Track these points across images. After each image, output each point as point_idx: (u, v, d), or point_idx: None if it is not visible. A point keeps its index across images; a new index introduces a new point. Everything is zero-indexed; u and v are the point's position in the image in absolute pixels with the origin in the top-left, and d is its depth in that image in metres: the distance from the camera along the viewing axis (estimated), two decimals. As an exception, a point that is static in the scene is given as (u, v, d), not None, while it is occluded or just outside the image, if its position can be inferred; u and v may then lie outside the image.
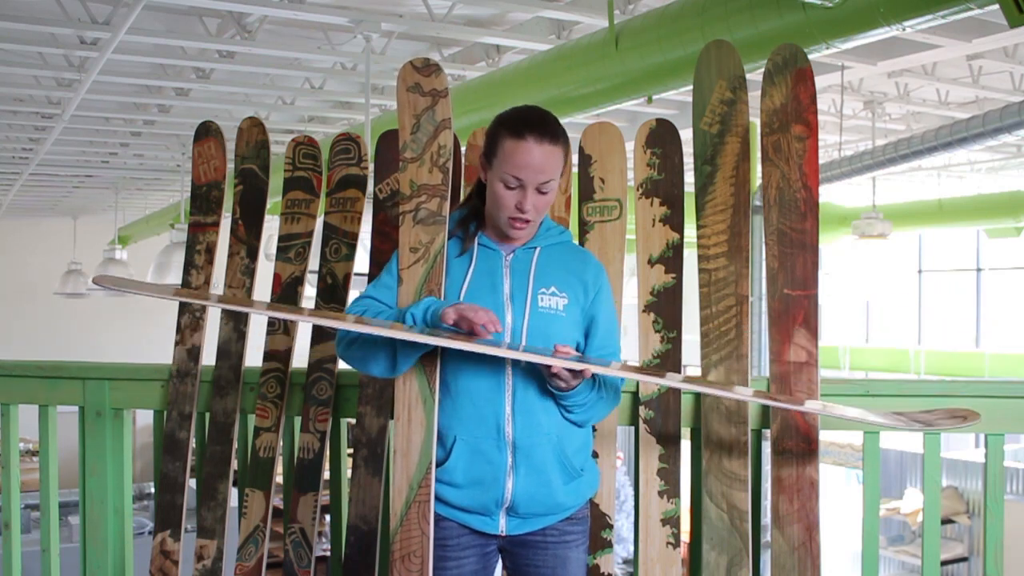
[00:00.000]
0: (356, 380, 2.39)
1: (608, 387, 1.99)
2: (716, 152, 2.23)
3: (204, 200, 2.58)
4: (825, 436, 3.73)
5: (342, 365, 2.37)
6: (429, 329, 1.89)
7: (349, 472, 2.42)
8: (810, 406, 2.03)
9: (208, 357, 2.50)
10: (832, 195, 9.14)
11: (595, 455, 2.15)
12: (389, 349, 1.93)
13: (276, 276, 2.50)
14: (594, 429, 2.16)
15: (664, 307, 2.25)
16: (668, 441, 2.21)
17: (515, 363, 1.93)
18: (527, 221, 1.94)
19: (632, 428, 2.27)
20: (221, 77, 5.75)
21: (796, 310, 2.15)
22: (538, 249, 2.01)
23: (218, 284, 2.59)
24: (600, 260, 2.14)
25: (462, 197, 2.28)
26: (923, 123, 7.11)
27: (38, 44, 4.83)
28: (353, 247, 2.47)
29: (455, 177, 2.20)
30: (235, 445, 2.47)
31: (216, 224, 2.56)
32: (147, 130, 7.39)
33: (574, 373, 1.86)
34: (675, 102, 6.15)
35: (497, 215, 1.95)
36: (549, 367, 1.85)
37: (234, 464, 2.48)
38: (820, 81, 3.61)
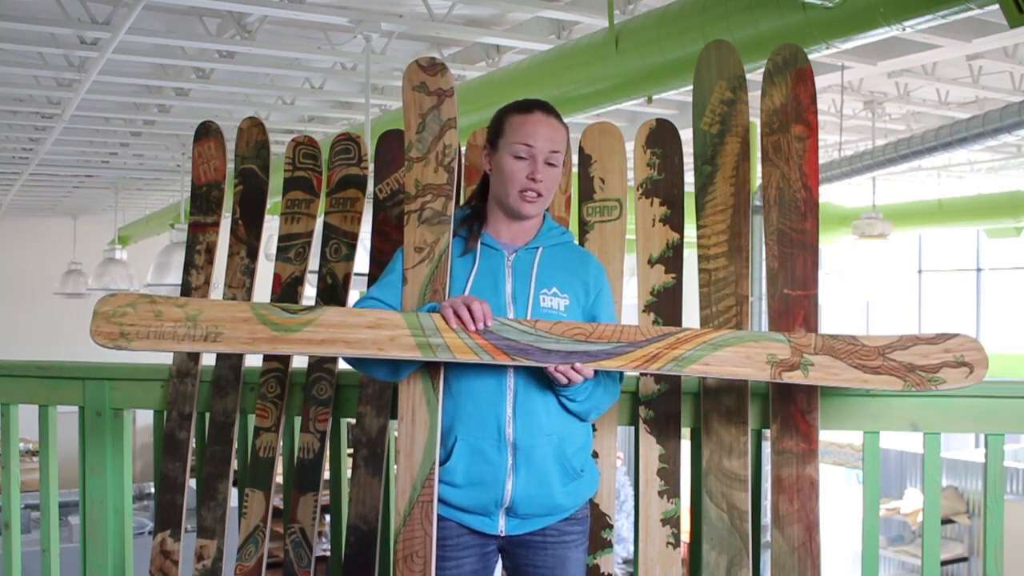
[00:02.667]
0: (356, 380, 2.39)
1: (608, 376, 1.99)
2: (716, 152, 2.23)
3: (204, 200, 2.57)
4: (825, 436, 3.72)
5: (342, 365, 2.37)
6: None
7: (349, 472, 2.42)
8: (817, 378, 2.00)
9: (208, 357, 2.50)
10: (832, 195, 9.14)
11: (595, 455, 2.15)
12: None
13: (276, 276, 2.50)
14: (594, 428, 2.16)
15: (664, 307, 2.25)
16: (668, 441, 2.21)
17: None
18: (539, 195, 1.96)
19: (632, 428, 2.27)
20: (221, 77, 5.75)
21: (796, 310, 2.14)
22: (540, 249, 2.02)
23: (218, 284, 2.59)
24: (600, 260, 2.14)
25: (463, 198, 2.28)
26: (923, 123, 7.11)
27: (38, 44, 4.83)
28: (353, 247, 2.47)
29: (456, 177, 2.20)
30: (235, 445, 2.47)
31: (216, 224, 2.56)
32: (147, 130, 7.38)
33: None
34: (675, 102, 6.15)
35: (507, 193, 1.97)
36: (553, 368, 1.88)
37: (234, 464, 2.48)
38: (820, 81, 3.62)
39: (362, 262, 2.47)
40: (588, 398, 1.97)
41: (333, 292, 2.45)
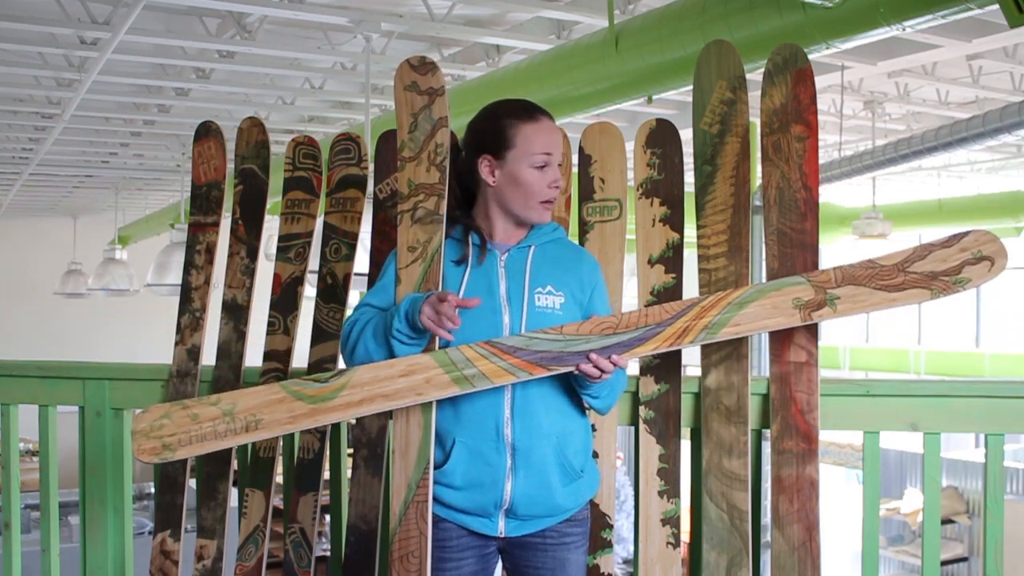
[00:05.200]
0: (356, 380, 2.39)
1: None
2: (716, 152, 2.23)
3: (204, 200, 2.57)
4: (825, 436, 3.72)
5: (341, 364, 2.36)
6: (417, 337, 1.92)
7: (349, 472, 2.41)
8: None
9: (208, 357, 2.50)
10: (832, 195, 9.14)
11: (595, 455, 2.15)
12: (388, 356, 1.94)
13: (276, 276, 2.50)
14: (594, 428, 2.16)
15: (664, 307, 2.24)
16: (668, 441, 2.21)
17: None
18: (553, 201, 1.99)
19: (632, 428, 2.27)
20: (221, 77, 5.75)
21: (796, 310, 2.14)
22: (532, 248, 2.01)
23: (218, 284, 2.59)
24: (600, 260, 2.14)
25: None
26: (923, 123, 7.11)
27: (38, 44, 4.83)
28: (353, 247, 2.47)
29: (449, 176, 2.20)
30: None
31: (216, 224, 2.56)
32: (147, 130, 7.39)
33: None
34: (675, 102, 6.15)
35: (525, 205, 1.98)
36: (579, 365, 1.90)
37: (234, 464, 2.48)
38: (820, 81, 3.62)
39: (362, 262, 2.47)
40: (611, 391, 1.99)
41: (333, 292, 2.45)
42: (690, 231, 2.26)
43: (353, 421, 2.41)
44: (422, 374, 1.91)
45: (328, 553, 2.59)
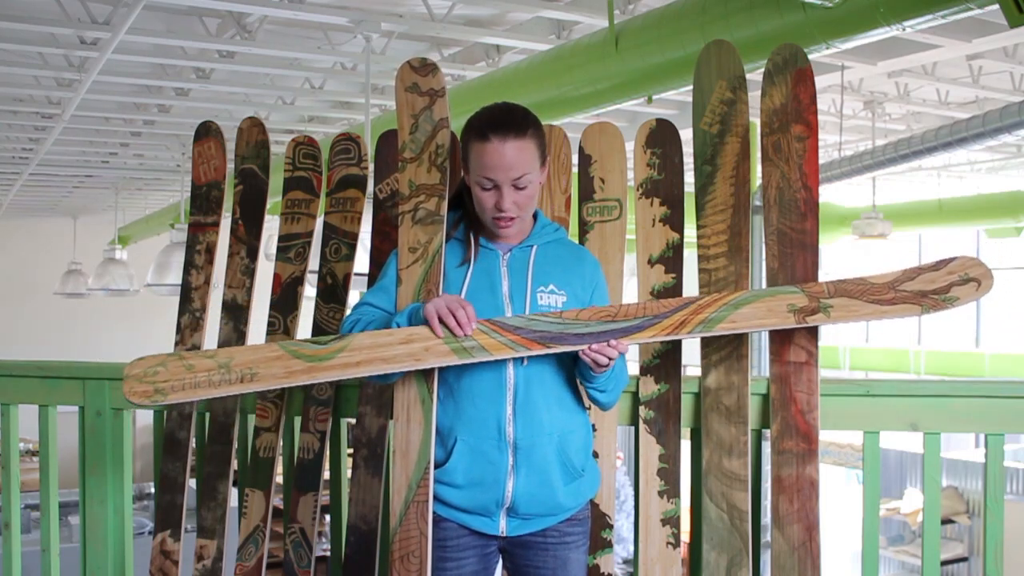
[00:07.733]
0: (356, 380, 2.39)
1: (620, 359, 2.00)
2: (716, 152, 2.23)
3: (204, 200, 2.57)
4: (825, 436, 3.73)
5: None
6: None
7: (349, 472, 2.42)
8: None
9: (208, 357, 2.50)
10: (832, 195, 9.14)
11: (595, 455, 2.15)
12: None
13: (276, 276, 2.50)
14: (594, 428, 2.16)
15: (664, 307, 2.24)
16: (668, 441, 2.21)
17: (517, 362, 1.93)
18: (511, 219, 1.95)
19: (632, 428, 2.27)
20: (221, 77, 5.75)
21: (796, 310, 2.14)
22: (535, 247, 2.02)
23: (218, 284, 2.59)
24: (600, 260, 2.14)
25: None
26: (923, 123, 7.11)
27: (38, 44, 4.83)
28: (353, 247, 2.47)
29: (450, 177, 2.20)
30: (235, 445, 2.47)
31: (216, 224, 2.56)
32: (147, 130, 7.39)
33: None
34: (675, 102, 6.15)
35: (484, 219, 1.98)
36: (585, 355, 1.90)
37: (234, 464, 2.48)
38: (820, 81, 3.62)
39: (362, 262, 2.47)
40: (616, 386, 1.99)
41: (333, 292, 2.45)
42: (690, 231, 2.26)
43: (353, 420, 2.42)
44: (422, 343, 1.91)
45: (328, 553, 2.59)
